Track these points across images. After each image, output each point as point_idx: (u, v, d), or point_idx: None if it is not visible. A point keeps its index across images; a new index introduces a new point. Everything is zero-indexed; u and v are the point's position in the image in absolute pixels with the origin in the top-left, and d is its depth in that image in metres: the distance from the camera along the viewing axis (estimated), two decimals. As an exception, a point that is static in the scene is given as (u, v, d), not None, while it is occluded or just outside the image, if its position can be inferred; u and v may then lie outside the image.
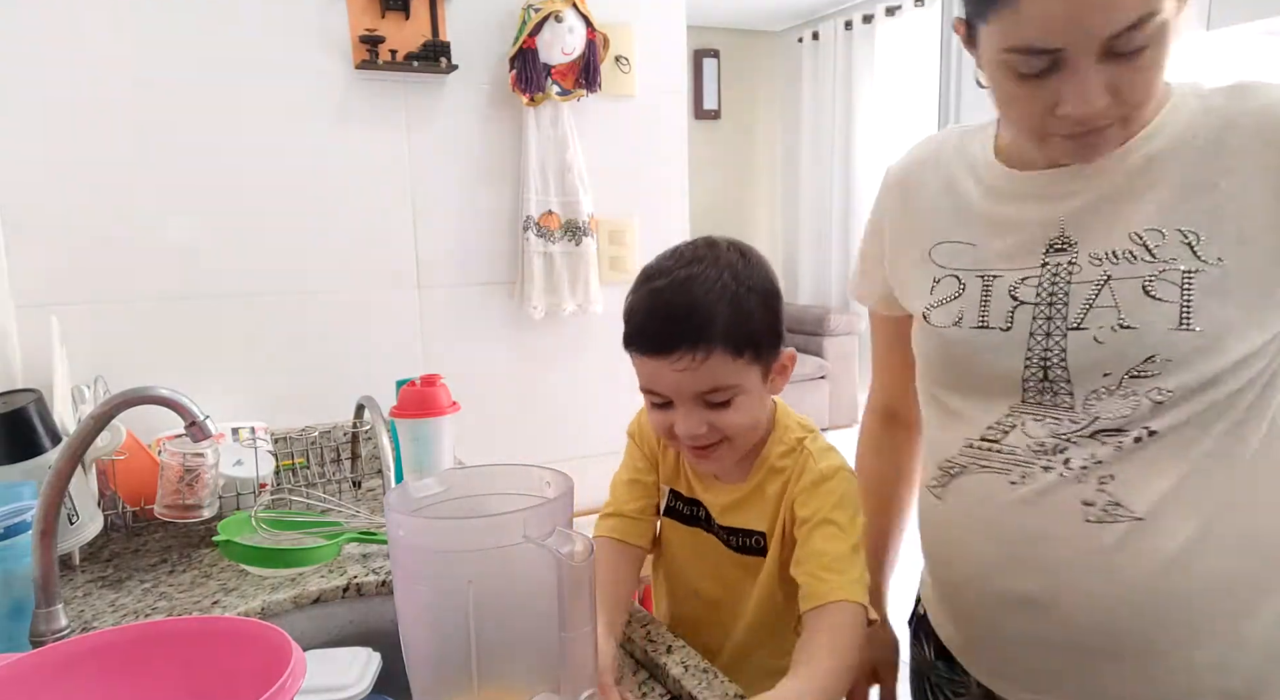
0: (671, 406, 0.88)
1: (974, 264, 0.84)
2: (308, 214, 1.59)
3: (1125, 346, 0.73)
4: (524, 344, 1.81)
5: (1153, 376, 0.73)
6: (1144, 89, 0.70)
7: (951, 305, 0.85)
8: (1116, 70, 0.68)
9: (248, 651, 0.67)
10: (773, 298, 0.89)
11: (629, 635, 0.93)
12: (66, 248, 1.43)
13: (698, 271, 0.86)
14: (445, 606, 0.73)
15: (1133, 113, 0.72)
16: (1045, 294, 0.78)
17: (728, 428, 0.88)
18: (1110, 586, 0.75)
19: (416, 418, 1.23)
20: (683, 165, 1.94)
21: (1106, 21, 0.66)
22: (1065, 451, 0.77)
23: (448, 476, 0.84)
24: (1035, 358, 0.78)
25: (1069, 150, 0.76)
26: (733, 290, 0.85)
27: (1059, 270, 0.78)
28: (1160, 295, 0.73)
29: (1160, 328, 0.72)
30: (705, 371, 0.84)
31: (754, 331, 0.86)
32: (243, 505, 1.29)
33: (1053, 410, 0.78)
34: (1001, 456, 0.80)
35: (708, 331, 0.83)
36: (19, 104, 1.38)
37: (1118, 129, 0.73)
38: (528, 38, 1.65)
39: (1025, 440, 0.79)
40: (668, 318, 0.85)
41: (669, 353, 0.84)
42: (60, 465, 0.89)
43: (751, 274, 0.88)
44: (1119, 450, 0.75)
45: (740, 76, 5.54)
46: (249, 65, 1.52)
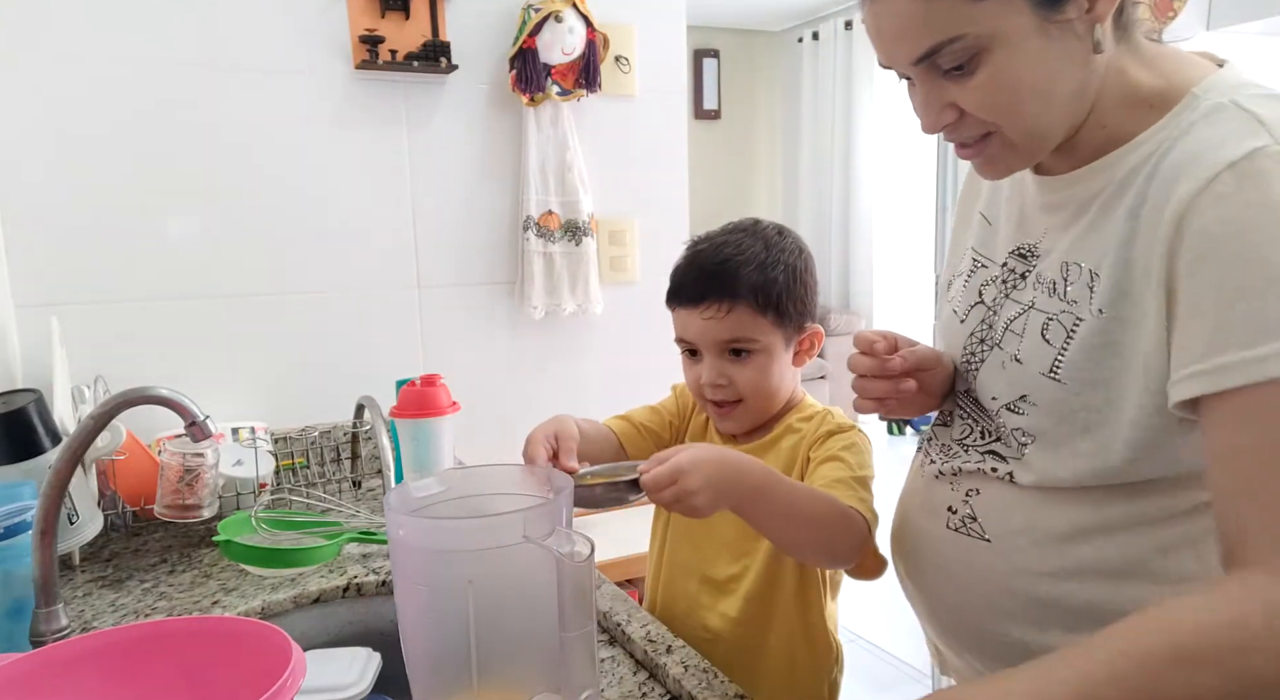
0: (700, 357, 0.98)
1: (980, 245, 0.85)
2: (308, 214, 1.59)
3: (1011, 378, 0.74)
4: (524, 344, 1.81)
5: (1021, 414, 0.73)
6: (993, 107, 0.66)
7: (954, 281, 0.87)
8: (953, 87, 0.66)
9: (248, 651, 0.67)
10: (802, 272, 0.99)
11: (629, 635, 0.93)
12: (66, 248, 1.43)
13: (735, 238, 0.99)
14: (445, 606, 0.73)
15: (1006, 132, 0.67)
16: (995, 301, 0.79)
17: (743, 384, 0.97)
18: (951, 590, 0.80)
19: (416, 418, 1.23)
20: (683, 165, 1.94)
21: (903, 50, 0.66)
22: (959, 456, 0.80)
23: (448, 476, 0.85)
24: (963, 358, 0.82)
25: (973, 165, 0.75)
26: (762, 257, 0.96)
27: (1009, 277, 0.78)
28: (1049, 337, 0.71)
29: (1034, 370, 0.71)
30: (729, 321, 0.95)
31: (778, 295, 0.96)
32: (243, 505, 1.29)
33: (977, 412, 0.80)
34: (935, 441, 0.85)
35: (733, 286, 0.94)
36: (19, 104, 1.38)
37: (1000, 146, 0.69)
38: (528, 38, 1.65)
39: (949, 433, 0.83)
40: (700, 273, 0.98)
41: (699, 303, 0.96)
42: (60, 465, 0.89)
43: (784, 247, 0.99)
44: (991, 475, 0.77)
45: (740, 76, 5.54)
46: (249, 65, 1.51)
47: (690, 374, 1.02)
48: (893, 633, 2.56)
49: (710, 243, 1.00)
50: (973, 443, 0.80)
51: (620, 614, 0.98)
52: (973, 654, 0.80)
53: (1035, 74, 0.65)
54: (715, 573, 1.02)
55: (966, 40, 0.63)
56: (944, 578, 0.81)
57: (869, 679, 2.40)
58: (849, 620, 2.58)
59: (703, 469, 0.77)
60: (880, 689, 2.35)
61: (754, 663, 0.99)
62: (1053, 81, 0.65)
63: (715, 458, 0.79)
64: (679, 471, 0.76)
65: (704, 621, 1.02)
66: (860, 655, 2.52)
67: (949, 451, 0.82)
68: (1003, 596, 0.75)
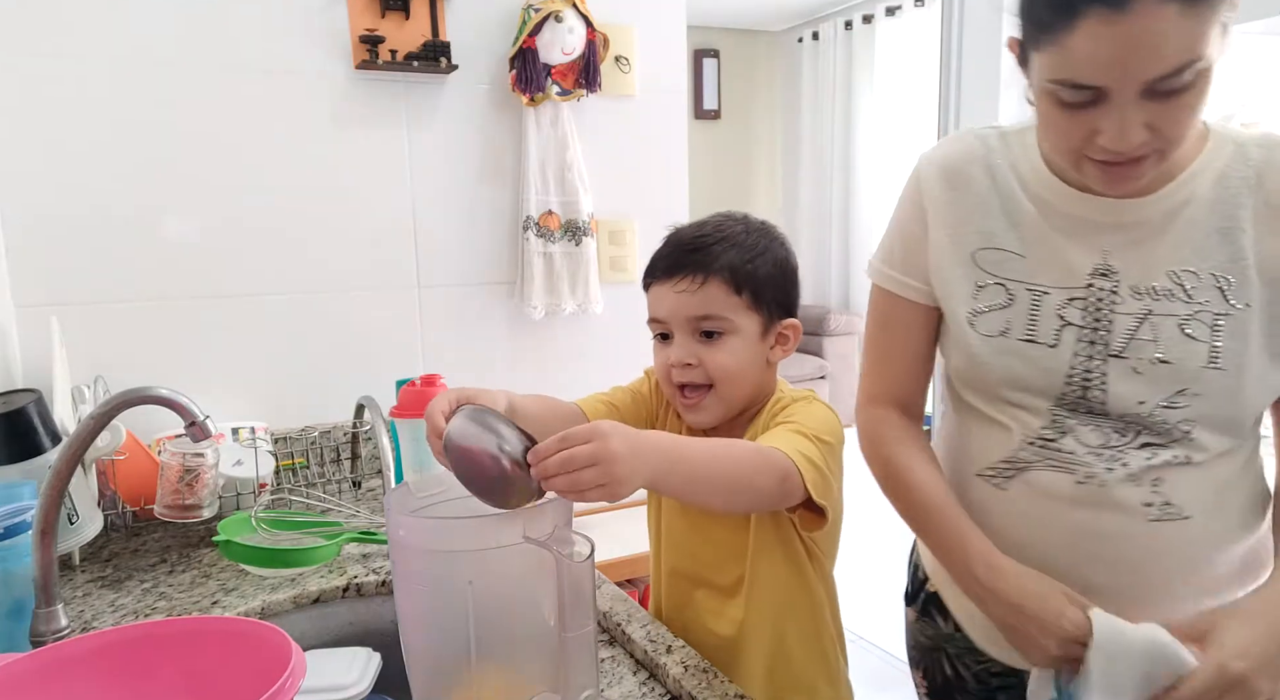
0: (671, 340, 0.95)
1: (1022, 276, 0.86)
2: (308, 214, 1.59)
3: (1161, 379, 0.81)
4: (524, 344, 1.81)
5: (1182, 408, 0.81)
6: (1181, 126, 0.74)
7: (998, 314, 0.87)
8: (1156, 108, 0.72)
9: (248, 651, 0.67)
10: (783, 263, 0.97)
11: (629, 635, 0.93)
12: (66, 248, 1.43)
13: (716, 220, 0.97)
14: (445, 606, 0.73)
15: (1168, 147, 0.75)
16: (1090, 319, 0.83)
17: (714, 367, 0.93)
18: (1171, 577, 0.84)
19: (416, 418, 1.23)
20: (683, 165, 1.94)
21: (1150, 67, 0.70)
22: (1122, 457, 0.83)
23: (448, 476, 0.84)
24: (1077, 377, 0.84)
25: (1101, 178, 0.79)
26: (742, 239, 0.94)
27: (1102, 295, 0.83)
28: (1194, 334, 0.80)
29: (1193, 364, 0.80)
30: (702, 296, 0.92)
31: (755, 278, 0.93)
32: (243, 505, 1.29)
33: (1092, 417, 0.84)
34: (1061, 456, 0.85)
35: (708, 260, 0.92)
36: (19, 104, 1.38)
37: (1153, 162, 0.76)
38: (528, 38, 1.65)
39: (1079, 446, 0.84)
40: (676, 247, 0.96)
41: (672, 276, 0.93)
42: (60, 465, 0.89)
43: (768, 234, 0.97)
44: (1167, 463, 0.82)
45: (740, 76, 5.54)
46: (249, 65, 1.52)
47: (660, 358, 0.97)
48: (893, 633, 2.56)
49: (692, 224, 0.99)
50: (1121, 444, 0.83)
51: (620, 614, 0.98)
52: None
53: (1209, 96, 0.73)
54: (716, 578, 1.01)
55: (1202, 63, 0.70)
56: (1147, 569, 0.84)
57: (869, 679, 2.40)
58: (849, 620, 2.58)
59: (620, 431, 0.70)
60: (880, 689, 2.35)
61: (765, 664, 0.98)
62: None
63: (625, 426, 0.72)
64: (595, 432, 0.68)
65: (712, 627, 1.00)
66: (860, 655, 2.52)
67: (1101, 457, 0.84)
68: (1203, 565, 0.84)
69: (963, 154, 0.91)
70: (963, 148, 0.92)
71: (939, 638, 1.02)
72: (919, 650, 1.06)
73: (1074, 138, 0.76)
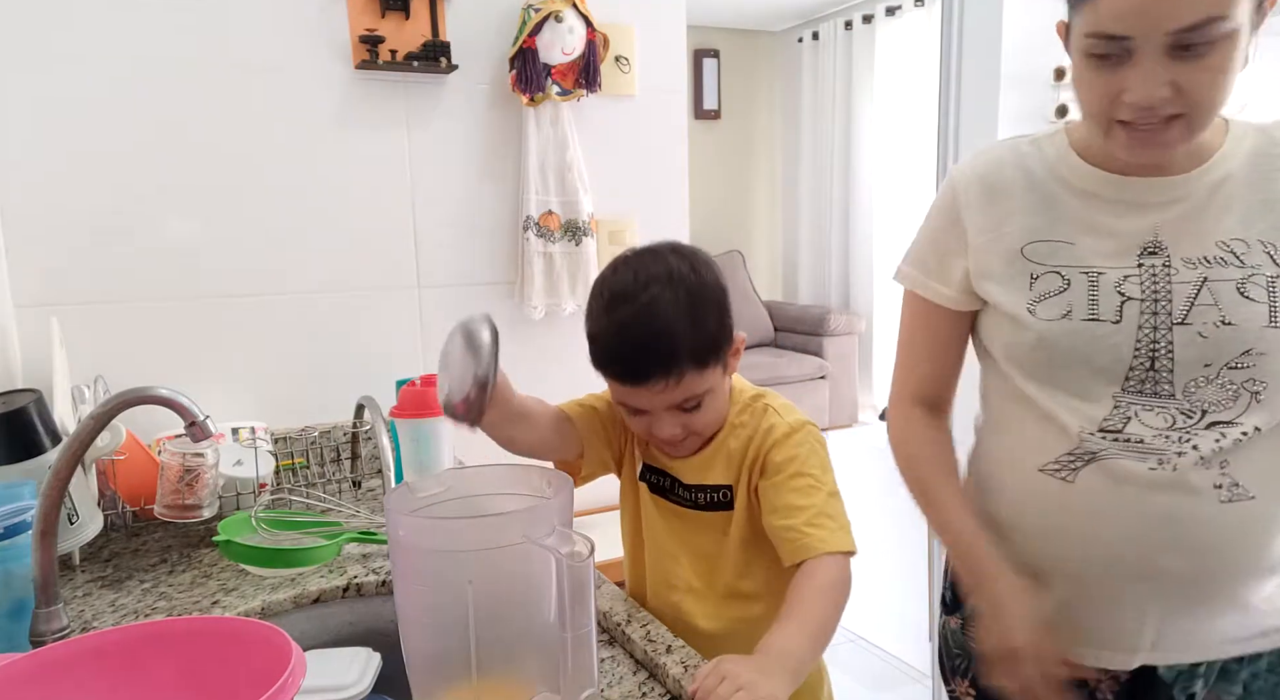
0: (646, 413, 0.95)
1: (1075, 261, 0.89)
2: (308, 214, 1.59)
3: (1225, 341, 0.83)
4: (524, 344, 1.81)
5: (1248, 368, 0.83)
6: (1207, 90, 0.77)
7: (1057, 299, 0.89)
8: (1182, 67, 0.75)
9: (248, 651, 0.67)
10: (722, 297, 0.95)
11: (629, 635, 0.93)
12: (66, 248, 1.43)
13: (655, 294, 0.90)
14: (445, 606, 0.73)
15: (1194, 114, 0.78)
16: (1149, 291, 0.85)
17: (699, 426, 0.97)
18: (1239, 558, 0.86)
19: (416, 418, 1.23)
20: (683, 165, 1.94)
21: (1172, 16, 0.73)
22: (1191, 440, 0.84)
23: (448, 476, 0.85)
24: (1144, 349, 0.85)
25: (1129, 143, 0.82)
26: (690, 311, 0.90)
27: (1156, 271, 0.86)
28: (1253, 296, 0.83)
29: (1256, 325, 0.82)
30: (679, 389, 0.91)
31: (715, 340, 0.93)
32: (243, 505, 1.29)
33: (1156, 399, 0.85)
34: (1129, 445, 0.86)
35: (677, 358, 0.89)
36: (19, 104, 1.38)
37: (1180, 129, 0.79)
38: (528, 38, 1.65)
39: (1146, 430, 0.86)
40: (637, 351, 0.91)
41: (644, 382, 0.90)
42: (60, 465, 0.89)
43: (703, 283, 0.93)
44: (1235, 443, 0.84)
45: (740, 76, 5.54)
46: (249, 65, 1.51)
47: (638, 425, 0.98)
48: (893, 633, 2.56)
49: (632, 306, 0.90)
50: (1188, 426, 0.85)
51: (620, 614, 0.98)
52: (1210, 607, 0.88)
53: (1238, 67, 0.77)
54: (699, 584, 1.03)
55: (1228, 23, 0.73)
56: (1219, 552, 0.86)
57: (869, 679, 2.40)
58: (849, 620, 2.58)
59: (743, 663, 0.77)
60: (880, 689, 2.35)
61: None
62: (1235, 81, 0.78)
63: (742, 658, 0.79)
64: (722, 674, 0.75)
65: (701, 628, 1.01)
66: (860, 655, 2.52)
67: (1170, 440, 0.85)
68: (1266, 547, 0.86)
69: (996, 161, 0.96)
70: (995, 156, 0.96)
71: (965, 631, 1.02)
72: (967, 658, 1.04)
73: (1104, 97, 0.80)
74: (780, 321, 5.14)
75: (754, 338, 5.05)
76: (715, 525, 1.01)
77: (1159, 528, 0.86)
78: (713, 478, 1.00)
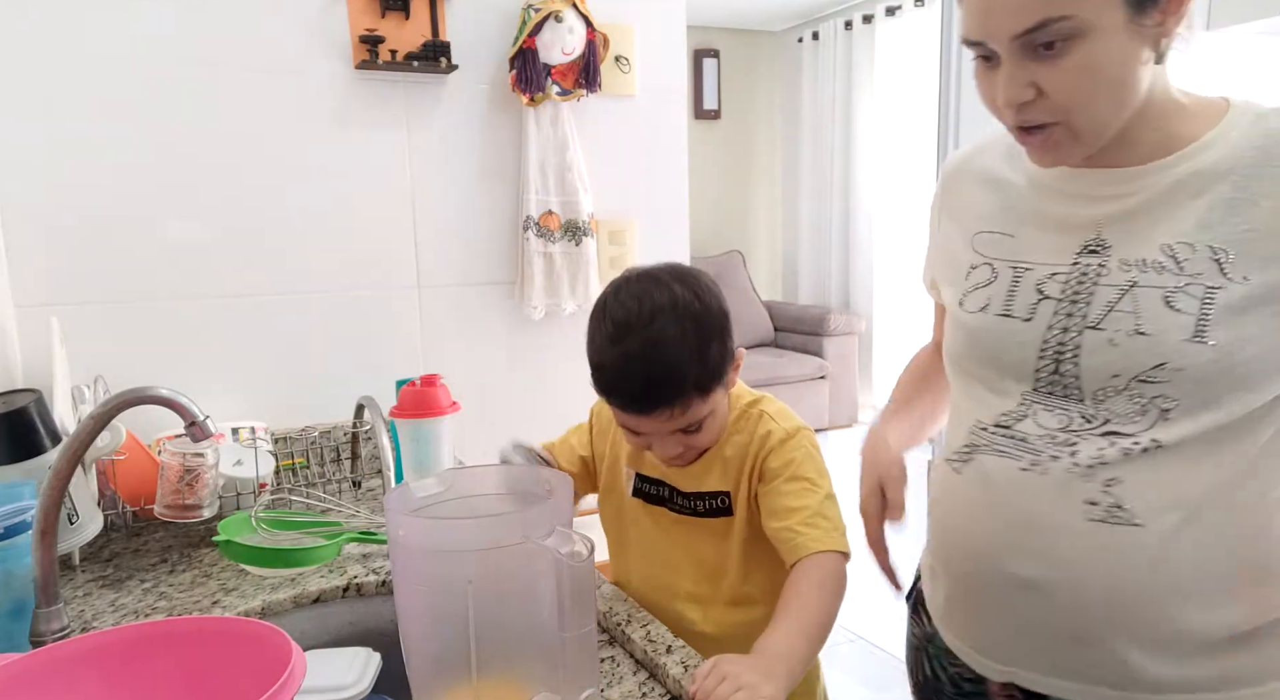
0: (648, 433, 0.96)
1: (1008, 254, 0.87)
2: (308, 214, 1.59)
3: (1137, 352, 0.76)
4: (524, 344, 1.81)
5: (1159, 383, 0.75)
6: (1073, 91, 0.73)
7: (982, 292, 0.88)
8: (1043, 69, 0.72)
9: (248, 651, 0.67)
10: (725, 322, 0.95)
11: (629, 635, 0.93)
12: (66, 248, 1.43)
13: (661, 328, 0.90)
14: (445, 606, 0.73)
15: (1072, 119, 0.74)
16: (1070, 291, 0.81)
17: (700, 444, 0.98)
18: (1102, 582, 0.77)
19: (416, 418, 1.23)
20: (683, 165, 1.94)
21: (1010, 21, 0.71)
22: (1075, 445, 0.79)
23: (448, 476, 0.85)
24: (1050, 350, 0.81)
25: (1028, 150, 0.79)
26: (694, 343, 0.90)
27: (1088, 270, 0.81)
28: (1179, 307, 0.75)
29: (1174, 338, 0.75)
30: (683, 417, 0.92)
31: (718, 368, 0.93)
32: (243, 505, 1.29)
33: (1063, 402, 0.81)
34: (1013, 442, 0.83)
35: (683, 389, 0.90)
36: (19, 104, 1.38)
37: (1061, 134, 0.75)
38: (528, 38, 1.65)
39: (1037, 429, 0.82)
40: (644, 385, 0.91)
41: (649, 412, 0.92)
42: (60, 465, 0.89)
43: (706, 310, 0.93)
44: (1127, 455, 0.77)
45: (740, 76, 5.54)
46: (249, 65, 1.51)
47: (637, 442, 1.00)
48: (893, 633, 2.56)
49: (637, 340, 0.90)
50: (1081, 429, 0.79)
51: (620, 614, 0.98)
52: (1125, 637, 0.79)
53: (1115, 68, 0.72)
54: (698, 588, 1.03)
55: (1071, 22, 0.69)
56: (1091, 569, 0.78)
57: (869, 679, 2.40)
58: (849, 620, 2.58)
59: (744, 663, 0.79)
60: (880, 689, 2.35)
61: None
62: (1125, 78, 0.73)
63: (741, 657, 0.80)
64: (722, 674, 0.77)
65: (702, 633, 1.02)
66: (860, 655, 2.52)
67: (1056, 443, 0.81)
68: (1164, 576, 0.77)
69: (974, 149, 0.96)
70: (976, 145, 0.96)
71: (922, 637, 1.01)
72: (907, 648, 1.05)
73: (988, 102, 0.78)
74: (780, 321, 5.14)
75: (754, 338, 5.05)
76: (716, 531, 1.02)
77: (1020, 533, 0.81)
78: (710, 484, 1.01)
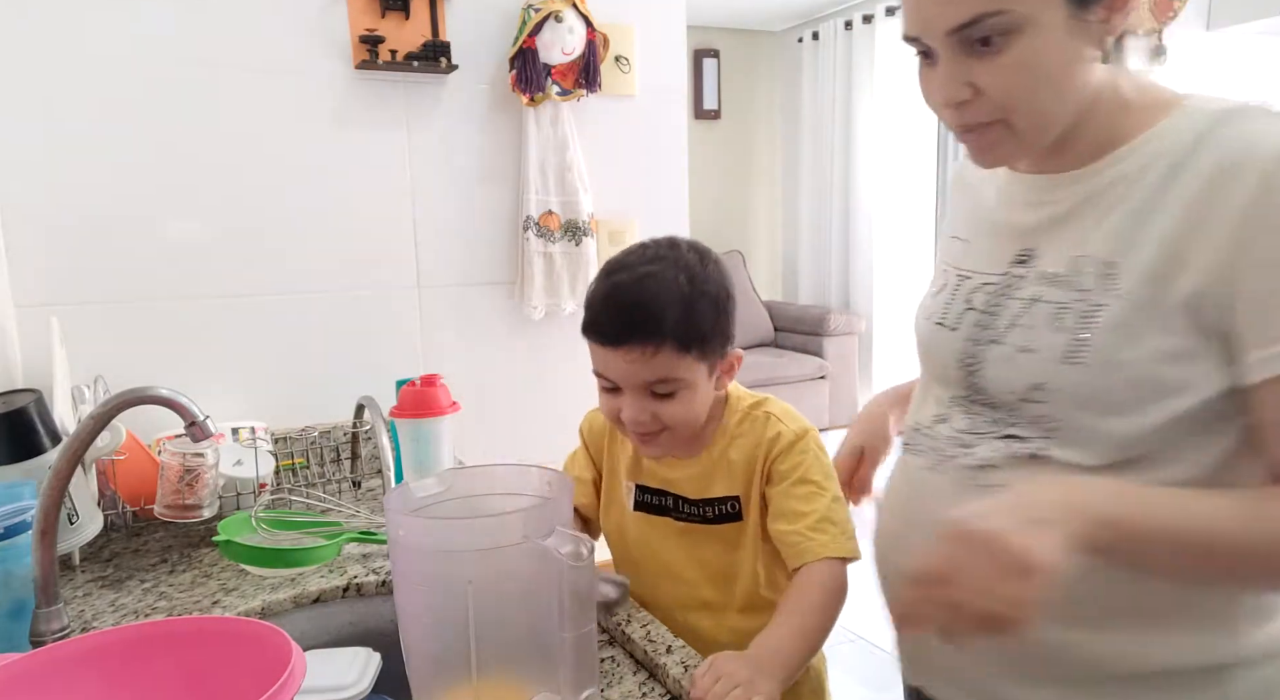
0: (620, 392, 0.94)
1: (959, 262, 0.86)
2: (308, 214, 1.59)
3: (1021, 369, 0.74)
4: (524, 344, 1.81)
5: (1040, 403, 0.74)
6: (1011, 90, 0.69)
7: (932, 299, 0.88)
8: (980, 66, 0.69)
9: (248, 651, 0.67)
10: (724, 300, 0.94)
11: (629, 635, 0.93)
12: (66, 248, 1.43)
13: (655, 270, 0.92)
14: (445, 606, 0.73)
15: (1014, 119, 0.70)
16: (990, 303, 0.79)
17: (669, 418, 0.94)
18: None
19: (416, 418, 1.23)
20: (683, 165, 1.94)
21: (945, 16, 0.68)
22: (974, 447, 0.79)
23: (448, 476, 0.85)
24: (966, 361, 0.80)
25: (969, 151, 0.76)
26: (685, 291, 0.90)
27: (1011, 281, 0.78)
28: (1063, 325, 0.72)
29: (1051, 358, 0.72)
30: (654, 364, 0.90)
31: (702, 331, 0.91)
32: (243, 505, 1.29)
33: (981, 408, 0.80)
34: (928, 441, 0.84)
35: (658, 328, 0.89)
36: (19, 104, 1.38)
37: (1004, 133, 0.71)
38: (528, 38, 1.65)
39: (949, 430, 0.82)
40: (622, 311, 0.91)
41: (621, 345, 0.90)
42: (60, 465, 0.89)
43: (707, 277, 0.93)
44: (1014, 458, 0.76)
45: (740, 76, 5.54)
46: (249, 65, 1.52)
47: (608, 406, 0.96)
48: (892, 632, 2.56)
49: (630, 273, 0.92)
50: (985, 432, 0.78)
51: (620, 614, 0.98)
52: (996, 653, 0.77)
53: (1055, 65, 0.69)
54: (708, 595, 1.02)
55: (1007, 17, 0.66)
56: None
57: (869, 679, 2.40)
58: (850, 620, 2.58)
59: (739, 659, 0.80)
60: (880, 689, 2.35)
61: None
62: (1068, 76, 0.69)
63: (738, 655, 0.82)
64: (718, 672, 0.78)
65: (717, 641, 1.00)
66: (860, 655, 2.52)
67: (959, 443, 0.81)
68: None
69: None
70: None
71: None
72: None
73: (928, 101, 0.75)
74: (780, 321, 5.14)
75: (754, 338, 5.05)
76: (726, 537, 1.01)
77: (915, 530, 0.81)
78: (717, 490, 1.00)
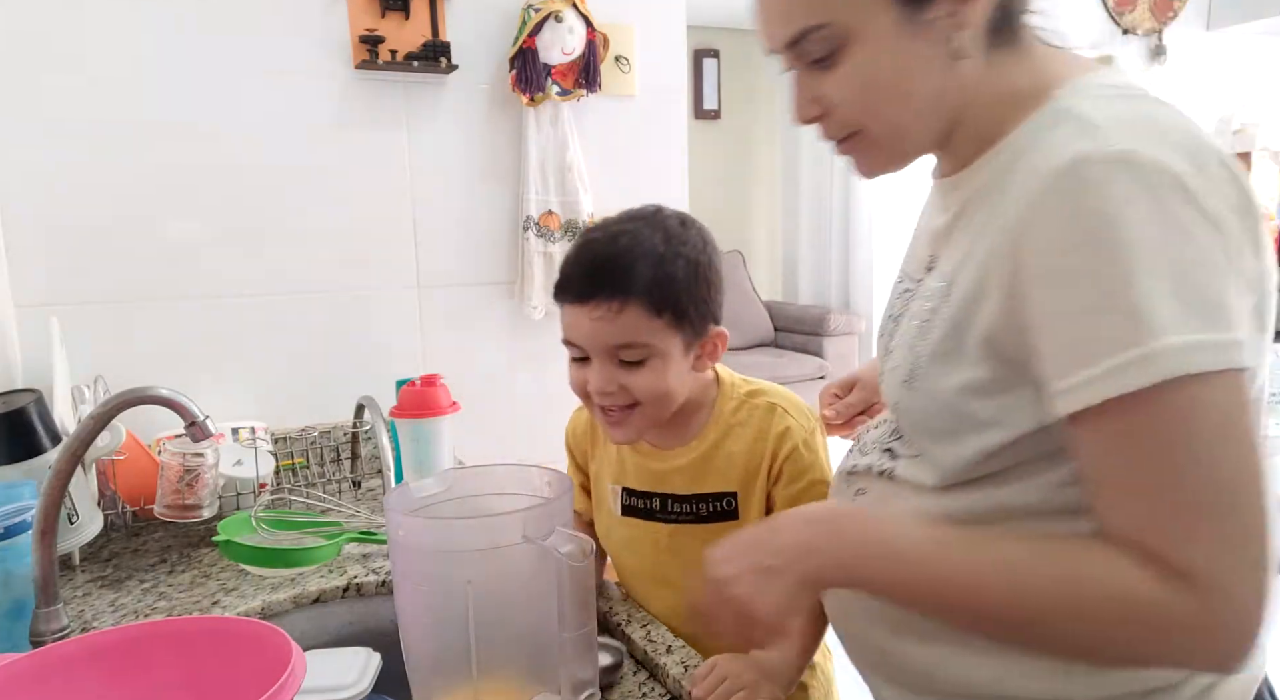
0: (588, 362, 0.89)
1: (903, 270, 0.82)
2: (308, 214, 1.59)
3: (888, 386, 0.74)
4: (524, 344, 1.81)
5: (895, 422, 0.73)
6: (853, 103, 0.66)
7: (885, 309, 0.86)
8: (824, 80, 0.66)
9: (248, 651, 0.67)
10: (705, 268, 0.90)
11: (629, 635, 0.93)
12: (66, 248, 1.43)
13: (631, 228, 0.89)
14: (445, 606, 0.73)
15: (869, 128, 0.67)
16: (898, 312, 0.76)
17: (637, 390, 0.88)
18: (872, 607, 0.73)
19: (416, 418, 1.23)
20: (683, 165, 1.94)
21: (777, 33, 0.67)
22: (867, 453, 0.78)
23: (448, 476, 0.85)
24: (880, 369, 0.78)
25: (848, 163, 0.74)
26: (660, 251, 0.87)
27: (912, 290, 0.75)
28: (914, 345, 0.69)
29: (900, 379, 0.70)
30: (620, 324, 0.85)
31: (676, 295, 0.87)
32: (243, 505, 1.29)
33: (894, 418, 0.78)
34: (856, 448, 0.83)
35: (626, 283, 0.85)
36: (19, 105, 1.38)
37: (866, 144, 0.69)
38: (528, 38, 1.65)
39: (874, 434, 0.80)
40: (590, 266, 0.88)
41: (587, 300, 0.86)
42: (60, 465, 0.89)
43: (686, 240, 0.90)
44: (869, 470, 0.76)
45: (740, 76, 5.54)
46: (249, 65, 1.51)
47: (576, 377, 0.92)
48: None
49: (604, 232, 0.90)
50: (885, 440, 0.76)
51: (620, 614, 0.98)
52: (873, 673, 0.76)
53: (891, 73, 0.64)
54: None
55: (830, 29, 0.63)
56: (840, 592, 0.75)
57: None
58: (849, 620, 2.56)
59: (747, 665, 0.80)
60: (880, 689, 2.35)
61: None
62: (909, 82, 0.65)
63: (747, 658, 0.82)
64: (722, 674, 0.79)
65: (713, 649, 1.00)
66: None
67: (859, 448, 0.80)
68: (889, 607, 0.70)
69: None
70: None
71: None
72: None
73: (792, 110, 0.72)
74: (780, 321, 5.14)
75: (754, 338, 5.04)
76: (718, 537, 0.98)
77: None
78: (711, 485, 0.96)
